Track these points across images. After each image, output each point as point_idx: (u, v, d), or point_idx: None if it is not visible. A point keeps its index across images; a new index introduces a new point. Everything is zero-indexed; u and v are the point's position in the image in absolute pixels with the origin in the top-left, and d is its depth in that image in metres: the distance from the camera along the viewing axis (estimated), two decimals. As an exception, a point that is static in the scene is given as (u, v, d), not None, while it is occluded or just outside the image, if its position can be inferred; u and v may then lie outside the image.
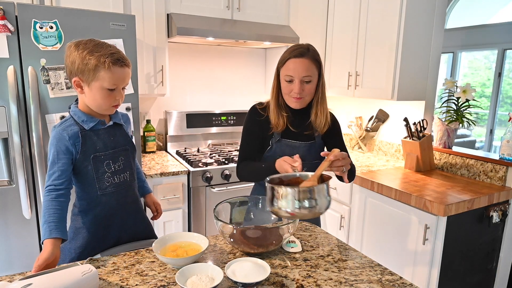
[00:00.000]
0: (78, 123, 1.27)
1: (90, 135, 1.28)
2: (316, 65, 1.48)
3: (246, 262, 1.07)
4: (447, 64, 6.46)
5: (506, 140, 2.18)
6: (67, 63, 1.24)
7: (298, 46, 1.49)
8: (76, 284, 0.92)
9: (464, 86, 2.40)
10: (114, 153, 1.34)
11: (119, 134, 1.37)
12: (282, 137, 1.57)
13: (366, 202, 2.31)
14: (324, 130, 1.57)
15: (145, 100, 2.86)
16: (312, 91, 1.51)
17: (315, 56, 1.48)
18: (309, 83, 1.48)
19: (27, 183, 1.85)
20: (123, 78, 1.25)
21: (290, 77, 1.47)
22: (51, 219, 1.16)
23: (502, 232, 2.18)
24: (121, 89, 1.28)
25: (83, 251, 1.32)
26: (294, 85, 1.47)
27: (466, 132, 5.78)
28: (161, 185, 2.30)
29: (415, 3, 2.37)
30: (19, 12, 1.75)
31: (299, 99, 1.50)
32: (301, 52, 1.45)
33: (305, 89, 1.48)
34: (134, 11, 2.36)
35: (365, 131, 3.03)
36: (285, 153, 1.50)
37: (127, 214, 1.40)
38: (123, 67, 1.24)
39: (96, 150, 1.29)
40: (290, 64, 1.46)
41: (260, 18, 2.81)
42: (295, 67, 1.45)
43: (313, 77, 1.48)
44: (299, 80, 1.46)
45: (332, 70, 3.01)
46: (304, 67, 1.45)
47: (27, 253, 1.95)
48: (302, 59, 1.45)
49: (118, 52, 1.25)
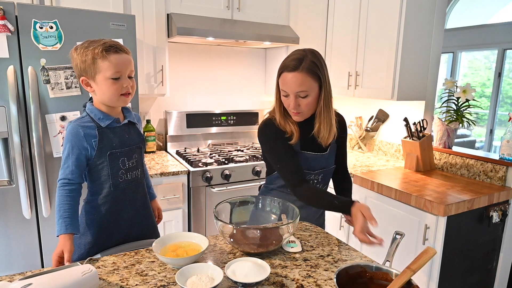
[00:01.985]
0: (95, 120, 1.29)
1: (106, 132, 1.30)
2: (314, 78, 1.33)
3: (246, 262, 1.07)
4: (447, 64, 6.46)
5: (506, 140, 2.18)
6: (73, 68, 1.28)
7: (293, 56, 1.35)
8: (76, 284, 0.92)
9: (464, 86, 2.40)
10: (130, 150, 1.36)
11: (133, 132, 1.40)
12: (302, 149, 1.47)
13: (366, 202, 2.31)
14: (328, 142, 1.47)
15: (145, 100, 2.86)
16: (311, 106, 1.38)
17: (312, 68, 1.32)
18: (306, 98, 1.35)
19: (27, 183, 1.85)
20: (124, 64, 1.25)
21: (285, 92, 1.37)
22: (66, 214, 1.21)
23: (502, 232, 2.18)
24: (128, 77, 1.28)
25: (92, 247, 1.34)
26: (289, 100, 1.37)
27: (466, 132, 5.78)
28: (161, 185, 2.30)
29: (415, 3, 2.37)
30: (19, 12, 1.75)
31: (298, 114, 1.40)
32: (294, 66, 1.32)
33: (301, 104, 1.36)
34: (134, 11, 2.36)
35: (365, 131, 3.03)
36: (306, 165, 1.46)
37: (136, 210, 1.42)
38: (119, 52, 1.24)
39: (112, 147, 1.31)
40: (284, 77, 1.35)
41: (260, 18, 2.81)
42: (288, 82, 1.33)
43: (310, 91, 1.34)
44: (293, 95, 1.35)
45: (332, 70, 3.01)
46: (298, 82, 1.32)
47: (27, 253, 1.95)
48: (295, 74, 1.32)
49: (112, 41, 1.25)
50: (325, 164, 1.52)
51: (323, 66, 1.36)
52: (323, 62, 1.37)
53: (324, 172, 1.53)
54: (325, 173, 1.53)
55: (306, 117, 1.44)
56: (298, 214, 1.22)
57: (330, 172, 1.57)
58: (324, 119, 1.41)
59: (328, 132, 1.43)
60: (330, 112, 1.42)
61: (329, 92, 1.40)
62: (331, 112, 1.43)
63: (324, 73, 1.36)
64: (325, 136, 1.44)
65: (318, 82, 1.35)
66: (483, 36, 5.85)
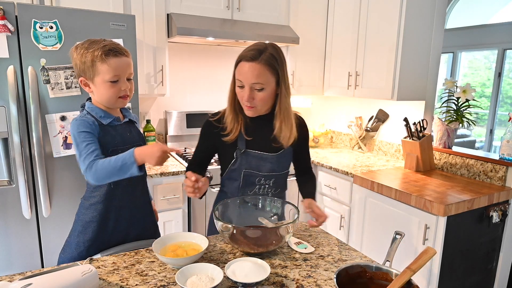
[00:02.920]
0: (96, 118, 1.29)
1: (108, 129, 1.31)
2: (272, 72, 1.28)
3: (246, 262, 1.07)
4: (447, 64, 6.46)
5: (506, 140, 2.18)
6: (73, 66, 1.28)
7: (254, 46, 1.30)
8: (76, 284, 0.92)
9: (464, 86, 2.40)
10: (131, 148, 1.35)
11: (133, 130, 1.42)
12: (248, 148, 1.42)
13: (366, 202, 2.31)
14: (289, 143, 1.42)
15: (145, 100, 2.86)
16: (266, 101, 1.33)
17: (270, 61, 1.27)
18: (261, 91, 1.30)
19: (27, 183, 1.85)
20: (122, 68, 1.25)
21: (240, 82, 1.30)
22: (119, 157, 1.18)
23: (502, 232, 2.18)
24: (127, 80, 1.28)
25: (91, 245, 1.33)
26: (244, 91, 1.30)
27: (466, 132, 5.79)
28: (161, 185, 2.30)
29: (415, 3, 2.37)
30: (19, 12, 1.75)
31: (252, 108, 1.34)
32: (253, 56, 1.26)
33: (256, 97, 1.31)
34: (134, 11, 2.36)
35: (365, 131, 3.03)
36: (252, 165, 1.42)
37: (136, 208, 1.42)
38: (118, 56, 1.24)
39: (115, 144, 1.31)
40: (241, 67, 1.29)
41: (260, 18, 2.81)
42: (245, 72, 1.28)
43: (267, 85, 1.29)
44: (249, 87, 1.29)
45: (332, 70, 3.01)
46: (255, 73, 1.26)
47: (27, 253, 1.95)
48: (252, 64, 1.26)
49: (112, 44, 1.25)
50: (275, 167, 1.45)
51: (283, 63, 1.32)
52: (283, 58, 1.33)
53: (275, 177, 1.46)
54: (276, 177, 1.47)
55: (260, 113, 1.38)
56: (298, 215, 1.22)
57: (282, 177, 1.51)
58: (284, 118, 1.37)
59: (289, 131, 1.39)
60: (289, 111, 1.38)
61: (287, 91, 1.35)
62: (290, 111, 1.39)
63: (283, 70, 1.32)
64: (286, 136, 1.39)
65: (275, 77, 1.30)
66: (483, 36, 5.85)
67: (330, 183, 2.66)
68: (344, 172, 2.49)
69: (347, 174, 2.47)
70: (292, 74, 2.97)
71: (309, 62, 3.05)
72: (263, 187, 1.46)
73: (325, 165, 2.67)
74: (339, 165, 2.62)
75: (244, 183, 1.45)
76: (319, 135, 3.25)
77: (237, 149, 1.42)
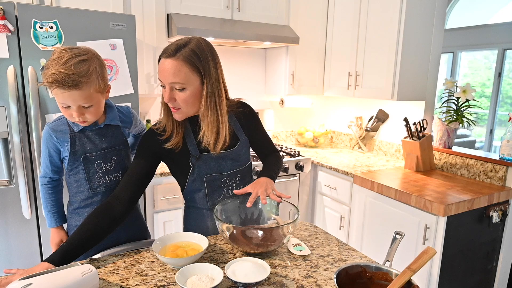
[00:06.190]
0: (69, 124, 1.29)
1: (80, 136, 1.29)
2: (193, 70, 1.15)
3: (246, 262, 1.07)
4: (447, 64, 6.46)
5: (506, 140, 2.18)
6: None
7: (177, 41, 1.17)
8: (76, 284, 0.92)
9: (464, 86, 2.40)
10: (106, 154, 1.33)
11: (111, 134, 1.35)
12: (202, 152, 1.29)
13: (366, 202, 2.31)
14: (218, 148, 1.27)
15: (145, 100, 2.86)
16: (189, 102, 1.19)
17: (190, 58, 1.14)
18: (182, 92, 1.16)
19: (27, 183, 1.85)
20: (69, 99, 1.15)
21: (160, 81, 1.18)
22: (53, 210, 1.39)
23: (502, 232, 2.18)
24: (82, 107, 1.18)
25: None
26: (165, 91, 1.18)
27: (466, 132, 5.79)
28: (161, 185, 2.30)
29: (415, 3, 2.37)
30: (19, 12, 1.75)
31: (176, 110, 1.21)
32: (171, 52, 1.13)
33: (177, 98, 1.17)
34: (134, 11, 2.36)
35: (365, 131, 3.03)
36: (212, 168, 1.30)
37: None
38: (65, 89, 1.12)
39: (86, 151, 1.30)
40: (161, 64, 1.17)
41: (260, 18, 2.81)
42: (163, 69, 1.15)
43: (188, 84, 1.16)
44: (168, 86, 1.16)
45: (332, 70, 3.01)
46: (171, 71, 1.13)
47: (27, 253, 1.95)
48: (170, 61, 1.13)
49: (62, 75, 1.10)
50: (237, 162, 1.35)
51: (207, 59, 1.17)
52: (209, 54, 1.18)
53: (240, 172, 1.37)
54: (241, 172, 1.37)
55: (188, 115, 1.25)
56: (297, 215, 1.22)
57: (247, 170, 1.41)
58: (209, 123, 1.22)
59: (214, 137, 1.24)
60: (216, 114, 1.22)
61: (215, 90, 1.20)
62: (219, 114, 1.23)
63: (207, 67, 1.17)
64: (210, 142, 1.24)
65: (199, 76, 1.17)
66: (483, 36, 5.85)
67: (330, 183, 2.66)
68: (344, 172, 2.49)
69: (347, 174, 2.47)
70: (292, 74, 2.98)
71: (309, 62, 3.05)
72: (231, 187, 1.36)
73: (325, 165, 2.67)
74: (339, 165, 2.62)
75: (210, 190, 1.33)
76: (319, 135, 3.24)
77: (191, 156, 1.28)
